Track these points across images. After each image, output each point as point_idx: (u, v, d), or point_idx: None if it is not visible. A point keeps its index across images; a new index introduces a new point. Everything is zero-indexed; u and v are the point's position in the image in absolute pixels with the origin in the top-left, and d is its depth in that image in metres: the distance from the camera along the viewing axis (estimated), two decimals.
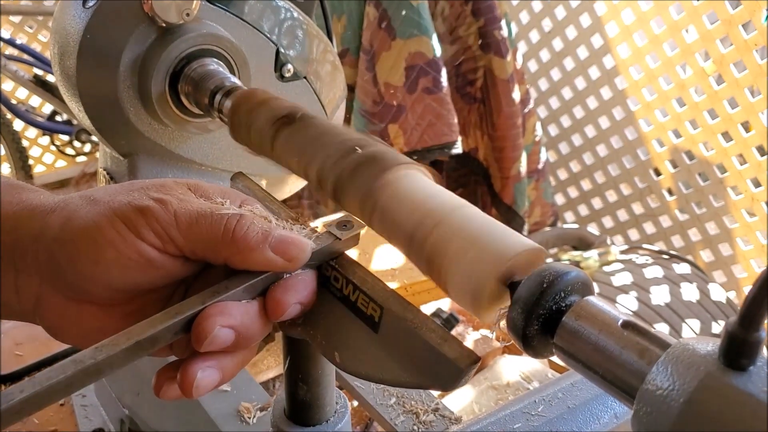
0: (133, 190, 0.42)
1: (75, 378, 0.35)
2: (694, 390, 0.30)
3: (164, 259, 0.41)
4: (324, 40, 0.81)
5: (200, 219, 0.41)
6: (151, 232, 0.40)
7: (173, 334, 0.39)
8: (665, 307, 1.81)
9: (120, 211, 0.41)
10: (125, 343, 0.37)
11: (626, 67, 2.44)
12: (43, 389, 0.34)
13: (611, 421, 0.64)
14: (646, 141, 2.49)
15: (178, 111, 0.71)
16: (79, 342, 0.42)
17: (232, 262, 0.41)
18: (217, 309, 0.39)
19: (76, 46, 0.68)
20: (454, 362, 0.37)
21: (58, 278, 0.41)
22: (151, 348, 0.38)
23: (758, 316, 0.29)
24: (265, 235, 0.41)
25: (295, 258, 0.41)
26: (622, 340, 0.35)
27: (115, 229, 0.40)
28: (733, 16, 2.05)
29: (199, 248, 0.41)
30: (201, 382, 0.40)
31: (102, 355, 0.36)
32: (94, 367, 0.35)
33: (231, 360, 0.41)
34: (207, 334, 0.38)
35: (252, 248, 0.41)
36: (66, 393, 0.35)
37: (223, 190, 0.46)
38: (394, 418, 0.76)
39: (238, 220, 0.41)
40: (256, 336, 0.41)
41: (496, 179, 2.37)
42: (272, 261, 0.41)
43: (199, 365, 0.40)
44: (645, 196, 2.56)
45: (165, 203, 0.41)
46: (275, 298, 0.41)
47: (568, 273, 0.37)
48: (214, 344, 0.39)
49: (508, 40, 2.19)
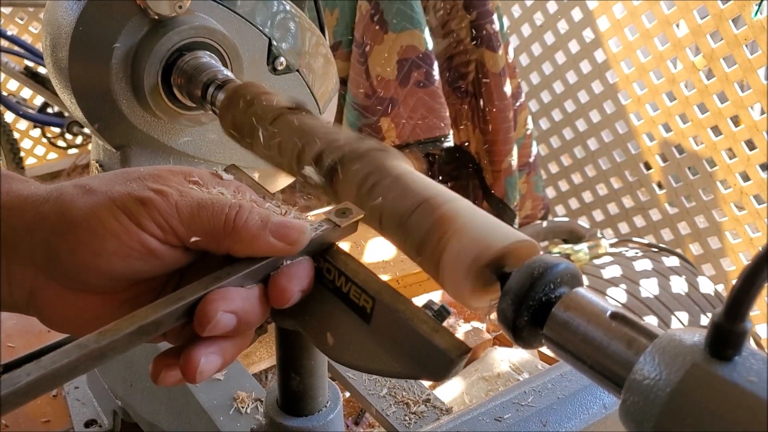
0: (130, 180, 0.43)
1: (79, 362, 0.35)
2: (680, 380, 0.31)
3: (165, 249, 0.41)
4: (316, 33, 0.81)
5: (201, 210, 0.41)
6: (153, 223, 0.41)
7: (176, 319, 0.39)
8: (654, 299, 1.82)
9: (120, 201, 0.41)
10: (128, 328, 0.37)
11: (617, 61, 2.44)
12: (49, 372, 0.34)
13: (600, 411, 0.64)
14: (636, 135, 2.50)
15: (171, 103, 0.71)
16: (75, 331, 0.42)
17: (234, 250, 0.42)
18: (219, 294, 0.40)
19: (68, 38, 0.68)
20: (444, 352, 0.38)
21: (55, 268, 0.41)
22: (155, 332, 0.39)
23: (744, 308, 0.30)
24: (265, 222, 0.42)
25: (296, 241, 0.42)
26: (611, 331, 0.35)
27: (116, 220, 0.40)
28: (723, 11, 2.06)
29: (201, 239, 0.42)
30: (204, 366, 0.40)
31: (106, 340, 0.36)
32: (98, 351, 0.36)
33: (231, 345, 0.42)
34: (210, 319, 0.39)
35: (253, 236, 0.41)
36: (71, 376, 0.35)
37: (217, 177, 0.47)
38: (386, 408, 0.76)
39: (238, 210, 0.42)
40: (256, 321, 0.42)
41: (487, 172, 2.37)
42: (274, 246, 0.42)
43: (202, 351, 0.40)
44: (635, 189, 2.58)
45: (165, 194, 0.41)
46: (280, 285, 0.42)
47: (557, 265, 0.38)
48: (216, 329, 0.39)
49: (499, 34, 2.19)
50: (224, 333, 0.40)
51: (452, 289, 0.42)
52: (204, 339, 0.40)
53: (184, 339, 0.42)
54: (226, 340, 0.42)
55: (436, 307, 0.40)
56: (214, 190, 0.44)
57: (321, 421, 0.55)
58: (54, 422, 0.96)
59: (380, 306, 0.41)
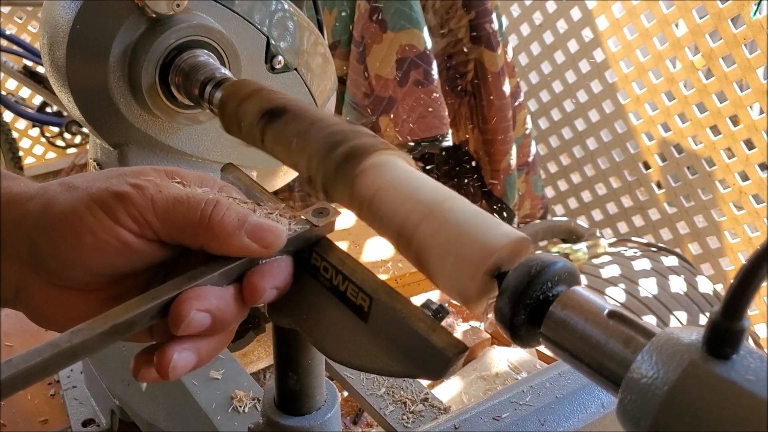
0: (111, 177, 0.43)
1: (51, 361, 0.35)
2: (677, 378, 0.31)
3: (142, 244, 0.42)
4: (315, 32, 0.81)
5: (177, 204, 0.42)
6: (128, 217, 0.41)
7: (150, 318, 0.39)
8: (653, 299, 1.82)
9: (98, 196, 0.41)
10: (101, 327, 0.37)
11: (616, 60, 2.44)
12: (20, 372, 0.34)
13: (598, 410, 0.64)
14: (635, 134, 2.50)
15: (169, 102, 0.71)
16: (61, 327, 0.42)
17: (208, 247, 0.42)
18: (193, 293, 0.40)
19: (66, 37, 0.68)
20: (442, 351, 0.38)
21: (39, 264, 0.42)
22: (128, 332, 0.38)
23: (741, 306, 0.30)
24: (242, 221, 0.42)
25: (270, 245, 0.42)
26: (608, 330, 0.35)
27: (92, 215, 0.41)
28: (722, 10, 2.06)
29: (176, 233, 0.42)
30: (177, 363, 0.40)
31: (78, 339, 0.36)
32: (70, 350, 0.36)
33: (207, 343, 0.42)
34: (183, 318, 0.39)
35: (228, 234, 0.41)
36: (43, 375, 0.35)
37: (201, 176, 0.46)
38: (384, 407, 0.76)
39: (215, 205, 0.42)
40: (231, 320, 0.42)
41: (486, 172, 2.37)
42: (248, 247, 0.42)
43: (175, 348, 0.40)
44: (634, 189, 2.58)
45: (142, 188, 0.42)
46: (252, 283, 0.42)
47: (555, 263, 0.38)
48: (190, 328, 0.39)
49: (498, 33, 2.19)
50: (199, 332, 0.40)
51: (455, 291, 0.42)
52: (179, 337, 0.40)
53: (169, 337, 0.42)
54: (202, 339, 0.42)
55: (434, 306, 0.40)
56: (197, 189, 0.44)
57: (318, 420, 0.55)
58: (52, 422, 0.96)
59: (377, 304, 0.41)
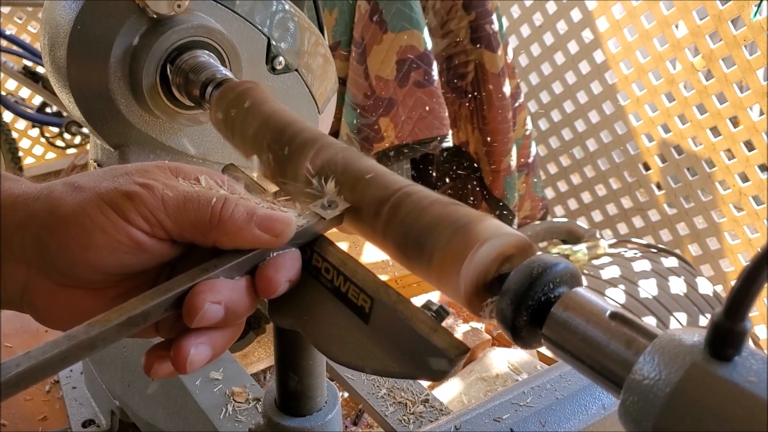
0: (118, 176, 0.43)
1: (69, 352, 0.36)
2: (680, 380, 0.30)
3: (153, 243, 0.42)
4: (315, 33, 0.81)
5: (187, 203, 0.42)
6: (140, 217, 0.41)
7: (164, 310, 0.40)
8: (653, 300, 1.82)
9: (107, 196, 0.41)
10: (117, 319, 0.37)
11: (616, 62, 2.44)
12: (39, 363, 0.35)
13: (599, 412, 0.64)
14: (635, 135, 2.50)
15: (169, 102, 0.71)
16: (66, 327, 0.42)
17: (220, 242, 0.42)
18: (207, 286, 0.40)
19: (67, 38, 0.68)
20: (443, 352, 0.38)
21: (47, 264, 0.42)
22: (143, 323, 0.39)
23: (744, 307, 0.30)
24: (250, 214, 0.42)
25: (281, 233, 0.42)
26: (610, 331, 0.35)
27: (104, 215, 0.41)
28: (722, 11, 2.06)
29: (188, 231, 0.42)
30: (194, 357, 0.41)
31: (95, 331, 0.37)
32: (87, 342, 0.36)
33: (221, 336, 0.42)
34: (198, 310, 0.39)
35: (239, 228, 0.42)
36: (60, 367, 0.36)
37: (204, 171, 0.47)
38: (385, 409, 0.76)
39: (224, 202, 0.42)
40: (243, 312, 0.42)
41: (486, 173, 2.37)
42: (259, 238, 0.42)
43: (192, 341, 0.41)
44: (634, 190, 2.58)
45: (151, 188, 0.42)
46: (266, 276, 0.42)
47: (556, 264, 0.38)
48: (204, 319, 0.40)
49: (499, 34, 2.19)
50: (213, 324, 0.41)
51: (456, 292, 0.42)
52: (194, 330, 0.41)
53: (177, 332, 0.43)
54: (216, 331, 0.42)
55: (434, 307, 0.40)
56: (201, 184, 0.45)
57: (319, 421, 0.55)
58: (52, 422, 0.96)
59: (379, 305, 0.41)
